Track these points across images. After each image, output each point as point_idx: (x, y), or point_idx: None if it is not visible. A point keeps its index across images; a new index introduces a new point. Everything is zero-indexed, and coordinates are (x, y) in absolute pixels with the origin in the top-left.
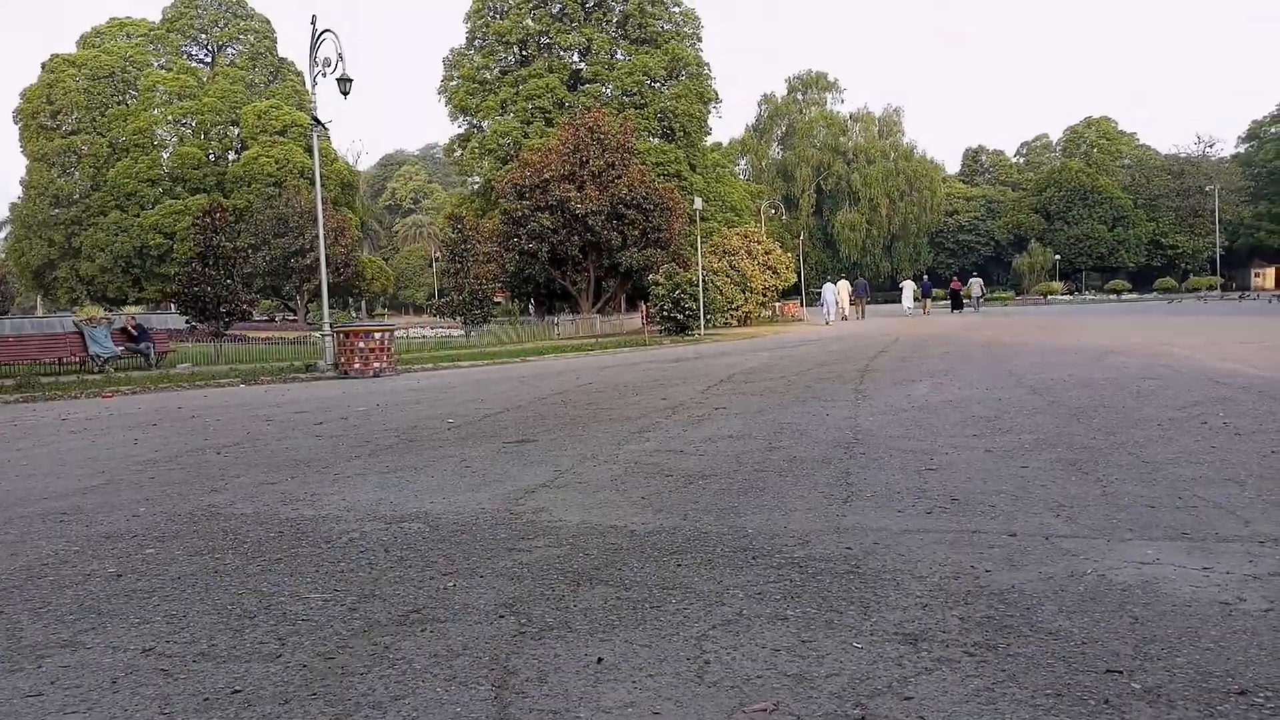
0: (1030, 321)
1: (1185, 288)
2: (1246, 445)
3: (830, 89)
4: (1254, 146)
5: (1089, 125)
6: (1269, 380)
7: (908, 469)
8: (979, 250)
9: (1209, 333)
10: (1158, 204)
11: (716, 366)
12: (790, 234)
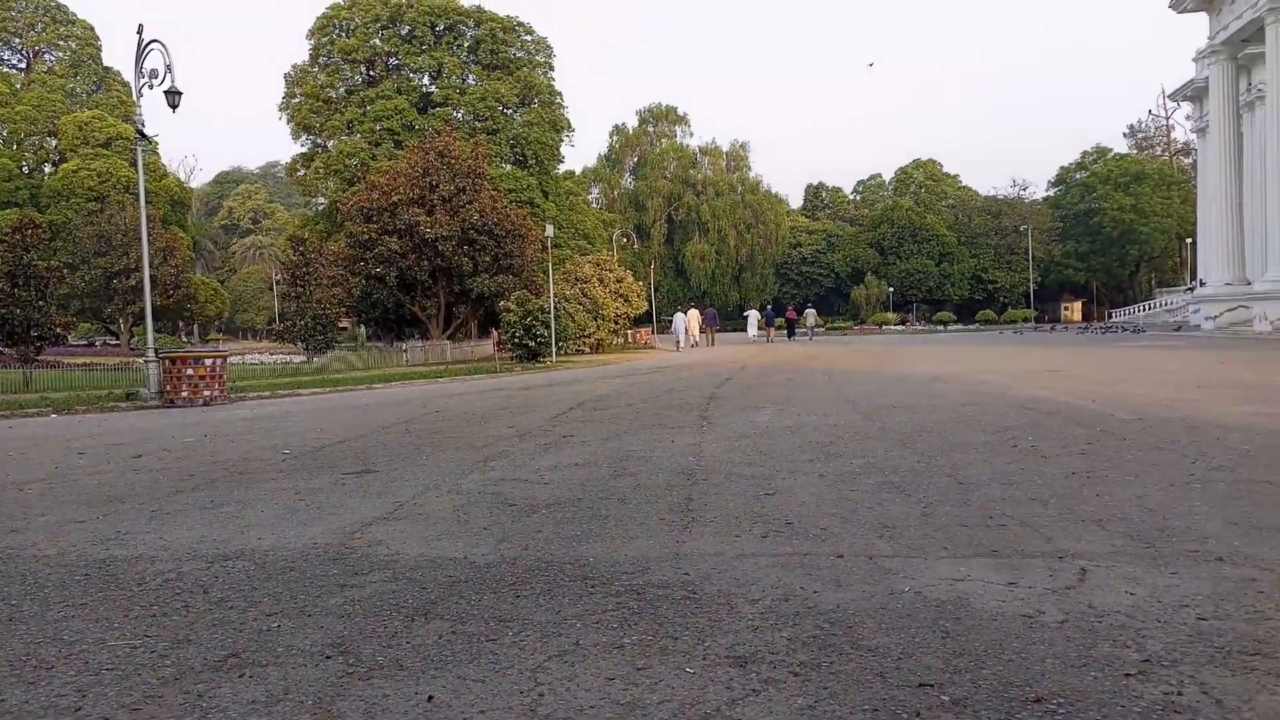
0: (866, 350)
1: (1004, 319)
2: (1050, 467)
3: (680, 122)
4: (1062, 190)
5: (917, 166)
6: (1072, 406)
7: (747, 494)
8: (821, 281)
9: (1023, 361)
10: (979, 241)
11: (567, 394)
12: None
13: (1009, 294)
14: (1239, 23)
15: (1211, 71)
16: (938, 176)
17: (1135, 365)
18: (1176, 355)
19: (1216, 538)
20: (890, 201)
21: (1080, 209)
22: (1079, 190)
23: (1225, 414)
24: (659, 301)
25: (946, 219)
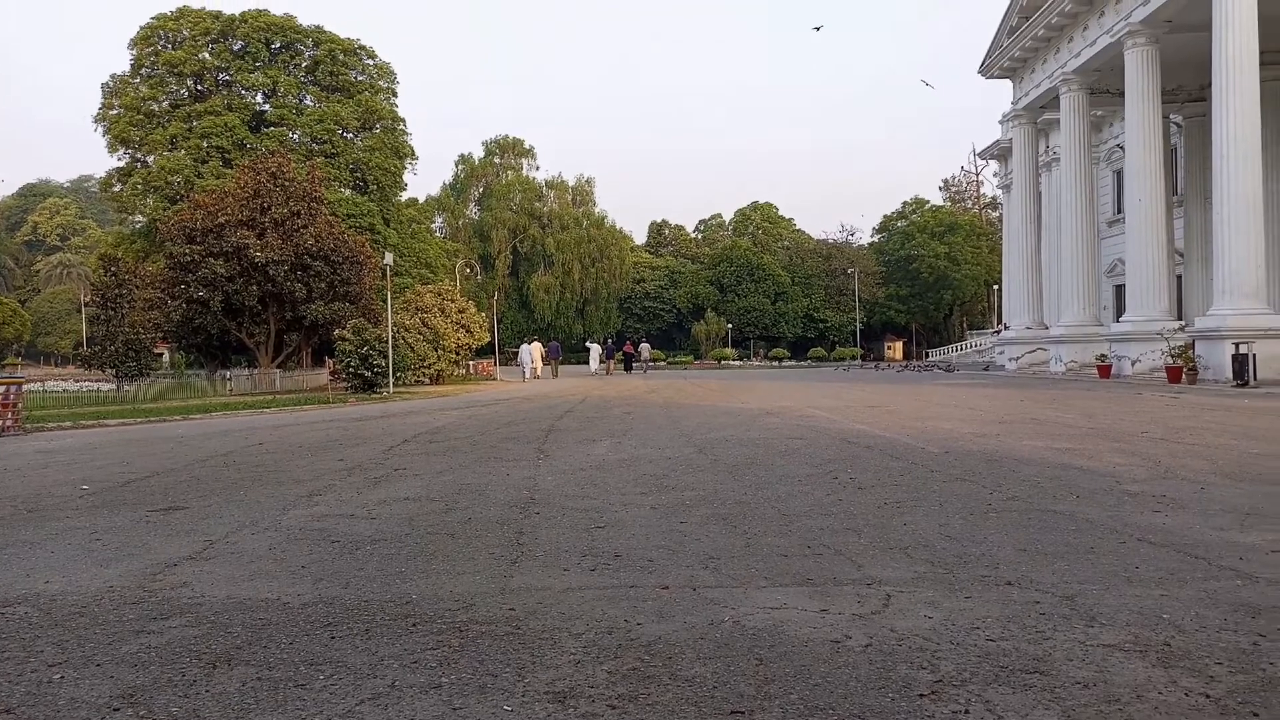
0: (704, 384)
1: (833, 356)
2: (866, 498)
3: (526, 155)
4: (885, 237)
5: (755, 209)
6: (888, 440)
7: (579, 527)
8: (663, 316)
9: (848, 397)
10: (811, 282)
11: (402, 426)
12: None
13: (838, 332)
14: (1038, 90)
15: (1014, 134)
16: (774, 219)
17: (946, 402)
18: (982, 393)
19: (1007, 563)
20: (730, 241)
21: (901, 255)
22: (900, 238)
23: (1021, 448)
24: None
25: (782, 260)
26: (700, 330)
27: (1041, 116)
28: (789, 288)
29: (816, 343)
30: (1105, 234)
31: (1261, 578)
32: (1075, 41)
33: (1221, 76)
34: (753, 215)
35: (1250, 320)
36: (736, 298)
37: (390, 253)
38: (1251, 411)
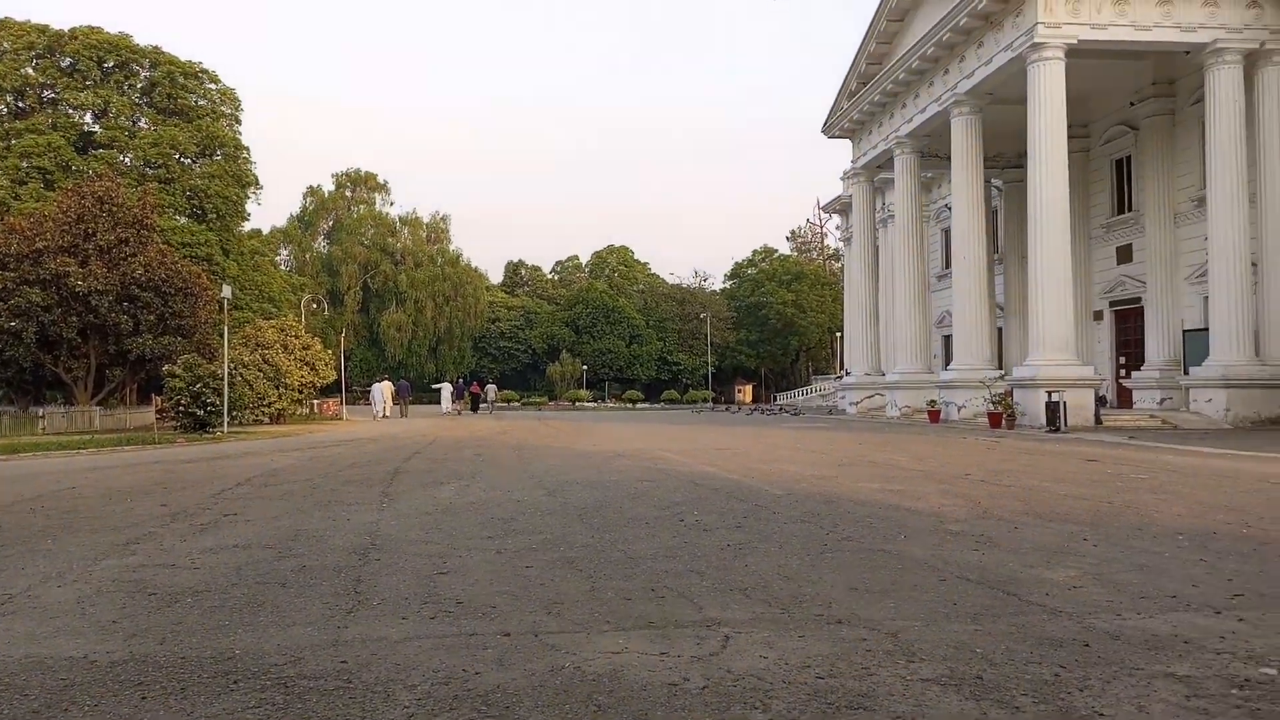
0: (558, 426)
1: (686, 399)
2: (711, 540)
3: (380, 189)
4: (736, 284)
5: (611, 252)
6: (734, 482)
7: (421, 574)
8: (518, 356)
9: (698, 440)
10: (665, 325)
11: (236, 468)
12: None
13: (691, 375)
14: (874, 151)
15: (854, 190)
16: (630, 263)
17: (791, 444)
18: (824, 436)
19: (839, 602)
20: (586, 283)
21: (751, 301)
22: (750, 284)
23: (857, 489)
24: (351, 371)
25: (637, 303)
26: (555, 371)
27: (878, 175)
28: (644, 331)
29: (670, 385)
30: (936, 287)
31: (1064, 612)
32: (908, 108)
33: (1036, 146)
34: (609, 258)
35: (1061, 371)
36: (592, 339)
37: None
38: (1061, 455)
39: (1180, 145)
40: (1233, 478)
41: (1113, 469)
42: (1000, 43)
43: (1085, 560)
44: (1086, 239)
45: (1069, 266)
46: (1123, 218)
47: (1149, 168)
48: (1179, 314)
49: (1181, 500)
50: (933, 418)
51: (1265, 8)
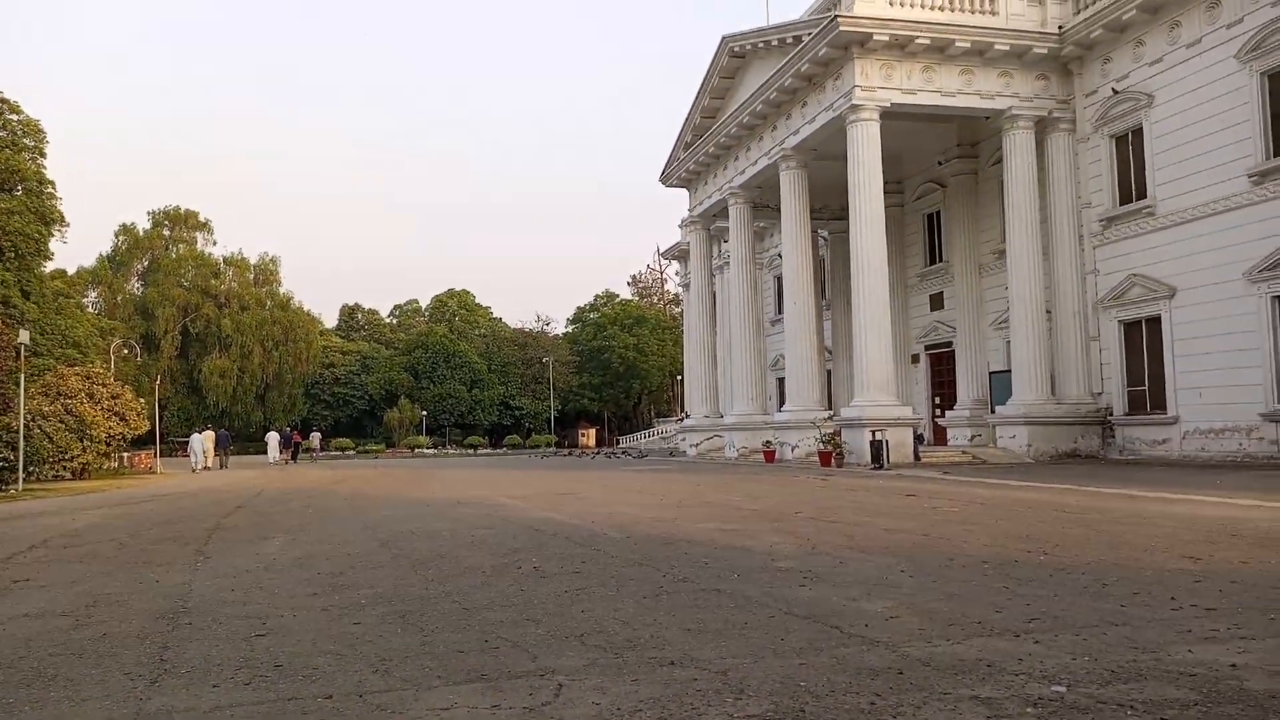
0: (396, 474)
1: (529, 444)
2: (548, 587)
3: (202, 228)
4: (579, 328)
5: (452, 296)
6: (574, 527)
7: (236, 637)
8: (354, 403)
9: (539, 485)
10: (508, 370)
11: (31, 529)
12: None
13: (534, 419)
14: (710, 200)
15: (691, 238)
16: (471, 306)
17: (631, 487)
18: (665, 478)
19: (673, 643)
20: (426, 327)
21: (594, 345)
22: (593, 328)
23: (694, 530)
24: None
25: (479, 347)
26: (393, 418)
27: (715, 224)
28: (486, 375)
29: (513, 430)
30: (770, 332)
31: (881, 642)
32: (740, 160)
33: (856, 200)
34: (450, 302)
35: (884, 411)
36: (432, 384)
37: (27, 330)
38: (883, 491)
39: (983, 202)
40: (1033, 508)
41: (928, 503)
42: (822, 103)
43: (901, 591)
44: (904, 287)
45: (888, 313)
46: (934, 268)
47: (956, 222)
48: (985, 357)
49: (988, 531)
50: (768, 458)
51: (1052, 80)
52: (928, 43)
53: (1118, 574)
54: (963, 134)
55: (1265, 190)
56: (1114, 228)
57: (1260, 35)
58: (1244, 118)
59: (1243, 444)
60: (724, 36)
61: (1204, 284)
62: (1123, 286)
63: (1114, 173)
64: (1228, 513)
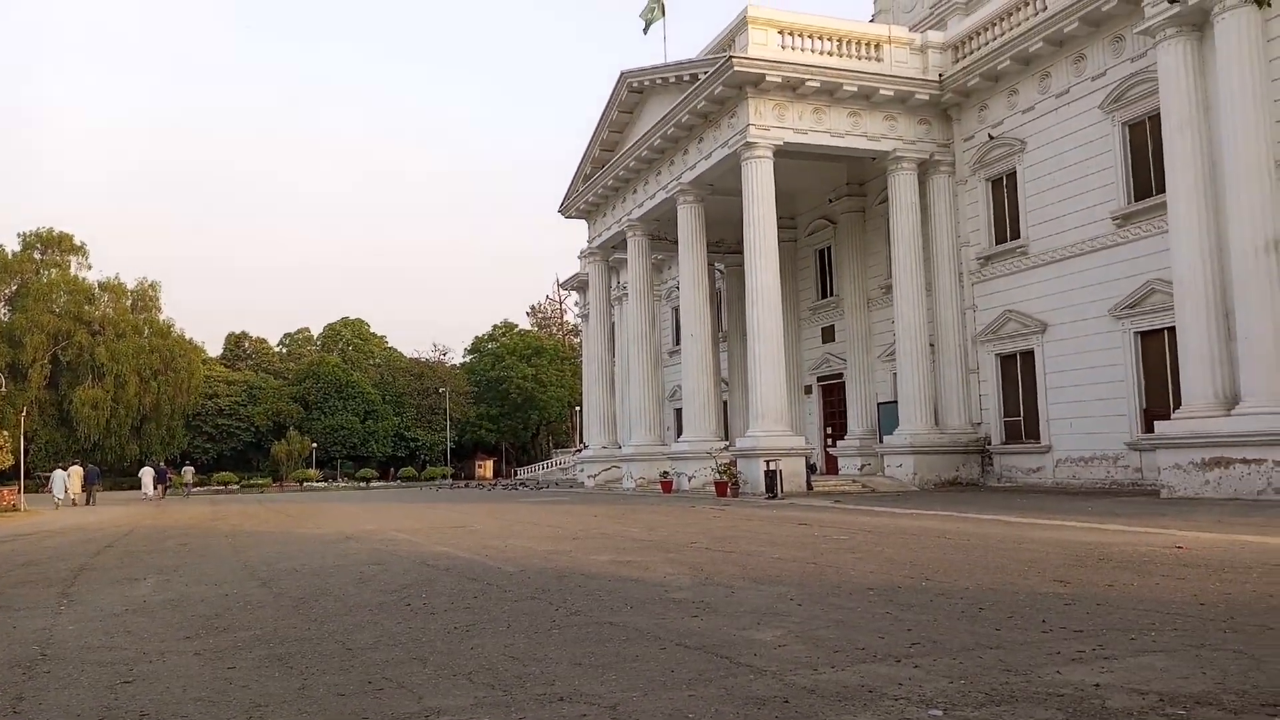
0: (281, 509)
1: (424, 476)
2: (438, 624)
3: (77, 252)
4: (477, 358)
5: (346, 324)
6: (467, 561)
7: (100, 685)
8: (239, 435)
9: (434, 518)
10: (403, 400)
11: None
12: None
13: (430, 451)
14: (609, 232)
15: (590, 269)
16: (366, 335)
17: (528, 520)
18: (562, 509)
19: (563, 678)
20: (318, 356)
21: (492, 375)
22: (491, 358)
23: (590, 562)
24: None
25: (373, 377)
26: (281, 450)
27: (613, 255)
28: (380, 406)
29: (407, 462)
30: (667, 363)
31: (769, 671)
32: (639, 193)
33: (751, 235)
34: (343, 331)
35: (777, 441)
36: (323, 415)
37: None
38: (777, 520)
39: (870, 238)
40: (917, 535)
41: (819, 531)
42: (718, 140)
43: (790, 620)
44: (797, 320)
45: (782, 345)
46: (826, 301)
47: (846, 258)
48: (874, 388)
49: (874, 558)
50: (666, 488)
51: (933, 125)
52: (818, 85)
53: (994, 598)
54: (852, 173)
55: (1128, 232)
56: (990, 266)
57: (1121, 88)
58: (1108, 164)
59: (1110, 472)
60: (623, 72)
61: (1073, 320)
62: (999, 322)
63: (990, 213)
64: (1095, 538)
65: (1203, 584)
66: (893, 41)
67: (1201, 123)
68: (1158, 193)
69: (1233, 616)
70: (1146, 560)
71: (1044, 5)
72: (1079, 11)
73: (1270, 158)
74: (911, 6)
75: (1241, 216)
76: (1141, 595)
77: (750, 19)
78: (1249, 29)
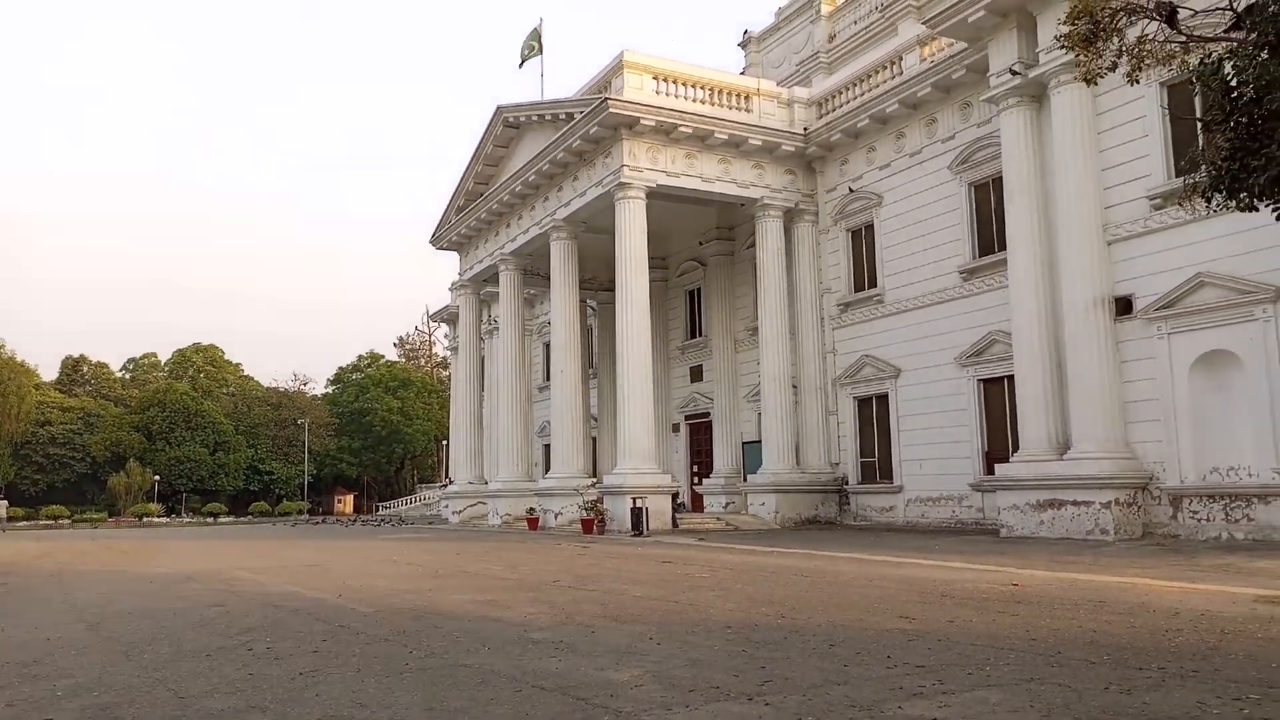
0: (117, 546)
1: (278, 511)
2: (281, 669)
3: None
4: (340, 389)
5: (198, 351)
6: (319, 602)
7: None
8: (73, 466)
9: (286, 556)
10: (258, 431)
11: None
12: None
13: (285, 485)
14: (481, 265)
15: (461, 302)
16: (219, 363)
17: (388, 557)
18: (425, 546)
19: None
20: (165, 384)
21: (356, 407)
22: (355, 390)
23: (449, 602)
24: None
25: (226, 406)
26: (119, 483)
27: (485, 288)
28: (232, 437)
29: (261, 496)
30: (538, 398)
31: (624, 712)
32: (512, 227)
33: (622, 273)
34: (194, 357)
35: (644, 478)
36: (169, 446)
37: None
38: (642, 558)
39: (738, 281)
40: (776, 573)
41: (682, 570)
42: (593, 178)
43: (649, 659)
44: (666, 359)
45: (651, 383)
46: (695, 341)
47: (714, 299)
48: (740, 427)
49: (734, 596)
50: (532, 525)
51: (799, 175)
52: (690, 131)
53: (844, 634)
54: (722, 217)
55: (973, 286)
56: (850, 312)
57: (969, 151)
58: (956, 221)
59: (955, 511)
60: (499, 106)
61: (924, 366)
62: (857, 365)
63: (850, 262)
64: (940, 575)
65: (1034, 620)
66: (762, 94)
67: (1039, 187)
68: (1000, 250)
69: (1060, 651)
70: (985, 597)
71: (900, 70)
72: (931, 78)
73: (1099, 221)
74: (780, 62)
75: (1073, 274)
76: (980, 631)
77: (627, 63)
78: (1080, 103)
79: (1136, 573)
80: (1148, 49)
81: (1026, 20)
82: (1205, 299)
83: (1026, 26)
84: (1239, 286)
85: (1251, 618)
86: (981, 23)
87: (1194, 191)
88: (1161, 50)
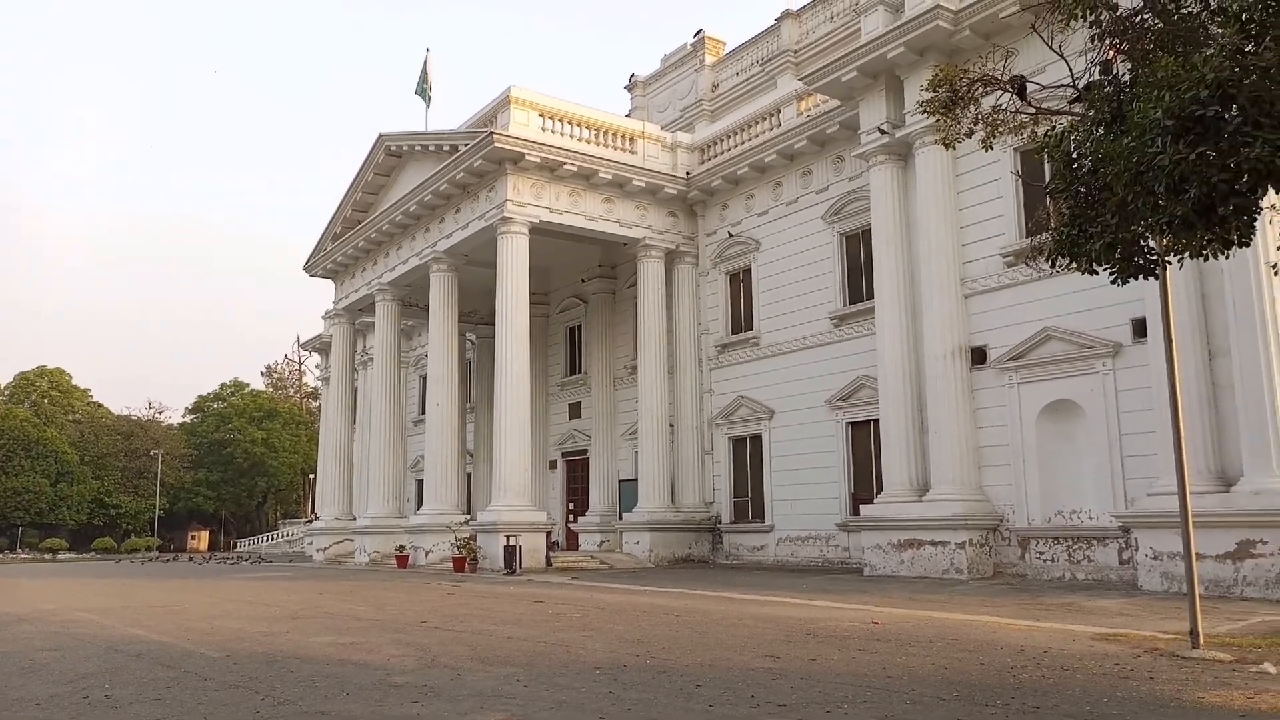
0: None
1: (125, 548)
2: (120, 718)
3: None
4: (199, 418)
5: (42, 374)
6: (165, 645)
7: None
8: None
9: (132, 596)
10: (105, 462)
11: None
12: None
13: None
14: (357, 294)
15: (334, 331)
16: (65, 388)
17: (244, 597)
18: (285, 586)
19: None
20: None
21: (216, 438)
22: (215, 419)
23: (307, 645)
24: None
25: (71, 435)
26: None
27: (360, 318)
28: (77, 468)
29: (106, 531)
30: (412, 432)
31: None
32: (391, 257)
33: (503, 308)
34: (38, 381)
35: (519, 516)
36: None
37: None
38: (513, 598)
39: (619, 320)
40: (647, 613)
41: (554, 609)
42: (475, 211)
43: (514, 702)
44: (545, 395)
45: (528, 419)
46: (574, 378)
47: (595, 336)
48: (616, 465)
49: (604, 636)
50: (401, 563)
51: (680, 218)
52: (575, 169)
53: (710, 674)
54: (605, 256)
55: (843, 331)
56: (727, 353)
57: (841, 203)
58: (828, 269)
59: (823, 550)
60: (381, 134)
61: (796, 408)
62: (732, 406)
63: (728, 305)
64: (806, 613)
65: (892, 658)
66: (646, 137)
67: (904, 239)
68: (869, 298)
69: (914, 689)
70: (846, 635)
71: (779, 122)
72: (807, 131)
73: (958, 275)
74: (665, 106)
75: (934, 324)
76: (840, 669)
77: (513, 98)
78: (942, 164)
79: (987, 611)
80: (1001, 118)
81: (894, 83)
82: (1052, 351)
83: (894, 88)
84: (1081, 341)
85: (1089, 654)
86: (854, 83)
87: (1040, 253)
88: (1013, 120)
